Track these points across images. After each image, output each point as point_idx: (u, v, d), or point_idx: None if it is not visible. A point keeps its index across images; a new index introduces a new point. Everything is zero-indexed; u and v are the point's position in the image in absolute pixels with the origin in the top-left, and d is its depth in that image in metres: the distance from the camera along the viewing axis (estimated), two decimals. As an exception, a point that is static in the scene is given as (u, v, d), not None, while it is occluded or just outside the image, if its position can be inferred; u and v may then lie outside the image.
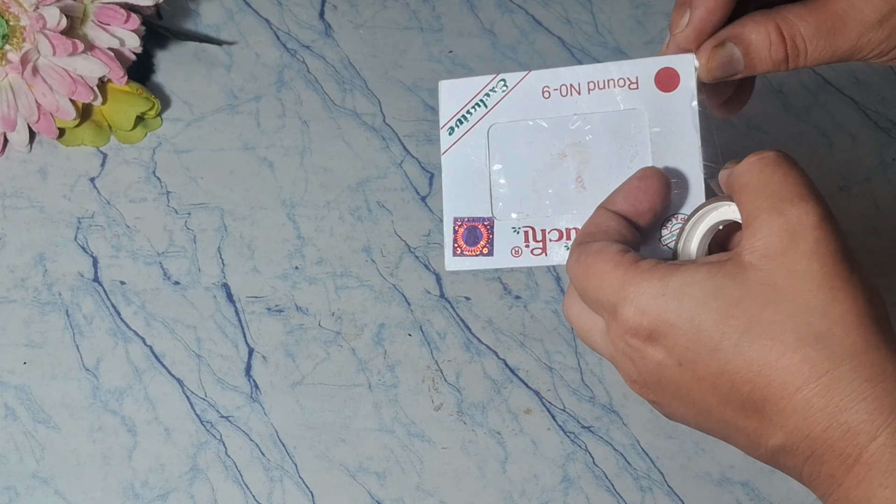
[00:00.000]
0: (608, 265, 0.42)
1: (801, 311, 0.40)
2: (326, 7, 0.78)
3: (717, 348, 0.40)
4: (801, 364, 0.39)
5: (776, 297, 0.40)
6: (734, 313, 0.40)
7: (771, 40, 0.46)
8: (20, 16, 0.67)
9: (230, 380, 0.62)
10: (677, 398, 0.43)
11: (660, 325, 0.41)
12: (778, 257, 0.40)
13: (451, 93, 0.53)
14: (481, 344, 0.65)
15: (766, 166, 0.42)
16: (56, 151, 0.70)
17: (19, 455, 0.59)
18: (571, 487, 0.61)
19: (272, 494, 0.59)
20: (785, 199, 0.41)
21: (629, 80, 0.49)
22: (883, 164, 0.73)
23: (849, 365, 0.39)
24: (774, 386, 0.40)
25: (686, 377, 0.42)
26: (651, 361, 0.42)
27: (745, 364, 0.40)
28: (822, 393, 0.39)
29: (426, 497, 0.60)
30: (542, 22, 0.78)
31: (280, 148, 0.71)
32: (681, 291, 0.41)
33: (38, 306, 0.64)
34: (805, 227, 0.40)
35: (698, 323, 0.40)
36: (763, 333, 0.40)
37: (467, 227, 0.52)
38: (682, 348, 0.41)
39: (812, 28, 0.45)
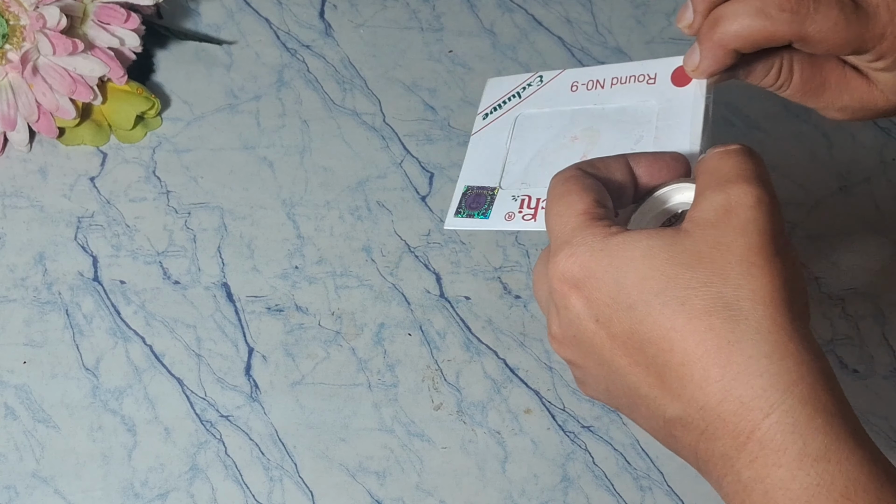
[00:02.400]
0: (577, 206, 0.43)
1: (715, 281, 0.40)
2: (326, 6, 0.78)
3: (632, 306, 0.41)
4: (705, 332, 0.40)
5: (696, 264, 0.40)
6: (655, 274, 0.41)
7: (770, 72, 0.49)
8: (20, 15, 0.67)
9: (230, 379, 0.62)
10: (590, 356, 0.43)
11: (587, 275, 0.42)
12: (708, 228, 0.41)
13: (495, 87, 0.58)
14: (481, 344, 0.65)
15: (725, 154, 0.43)
16: (56, 151, 0.70)
17: (19, 454, 0.59)
18: (571, 487, 0.61)
19: (272, 494, 0.59)
20: (730, 180, 0.42)
21: (648, 76, 0.52)
22: (883, 164, 0.73)
23: (751, 339, 0.39)
24: (677, 351, 0.40)
25: (601, 334, 0.42)
26: (571, 311, 0.43)
27: (654, 325, 0.40)
28: (721, 364, 0.39)
29: (426, 497, 0.60)
30: (542, 22, 0.78)
31: (280, 147, 0.71)
32: (616, 249, 0.42)
33: (38, 306, 0.64)
34: (740, 205, 0.41)
35: (621, 280, 0.41)
36: (676, 297, 0.40)
37: (475, 193, 0.55)
38: (601, 303, 0.42)
39: (801, 81, 0.50)
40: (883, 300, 0.68)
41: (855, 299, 0.68)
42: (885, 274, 0.69)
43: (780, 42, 0.48)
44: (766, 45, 0.48)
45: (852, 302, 0.67)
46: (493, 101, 0.58)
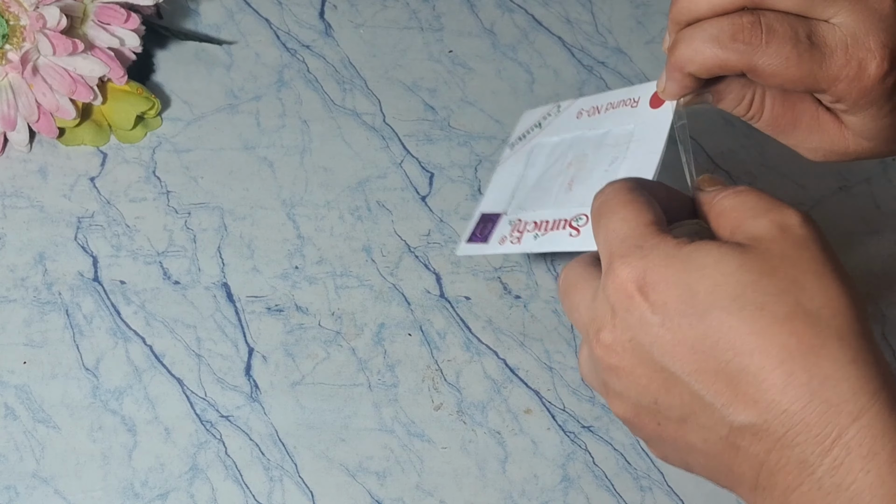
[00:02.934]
0: (646, 215, 0.43)
1: (792, 289, 0.40)
2: (326, 7, 0.78)
3: (706, 311, 0.40)
4: (788, 336, 0.39)
5: (771, 272, 0.41)
6: (730, 280, 0.41)
7: (741, 103, 0.51)
8: (20, 15, 0.67)
9: (230, 379, 0.62)
10: (646, 363, 0.42)
11: (657, 279, 0.41)
12: (769, 242, 0.42)
13: (525, 119, 0.61)
14: (481, 344, 0.65)
15: (740, 193, 0.44)
16: (56, 151, 0.70)
17: (19, 454, 0.59)
18: (571, 487, 0.61)
19: (272, 494, 0.59)
20: (768, 208, 0.43)
21: (633, 100, 0.54)
22: (883, 163, 0.73)
23: (836, 345, 0.39)
24: (757, 354, 0.39)
25: (666, 338, 0.41)
26: (633, 314, 0.42)
27: (730, 328, 0.40)
28: (807, 367, 0.39)
29: (426, 497, 0.60)
30: (542, 22, 0.78)
31: (280, 148, 0.71)
32: (687, 259, 0.41)
33: (38, 306, 0.64)
34: (791, 225, 0.42)
35: (694, 285, 0.41)
36: (754, 302, 0.40)
37: (486, 220, 0.57)
38: (669, 307, 0.41)
39: (772, 117, 0.51)
40: (883, 300, 0.68)
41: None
42: (885, 274, 0.69)
43: (733, 71, 0.48)
44: (719, 72, 0.48)
45: (852, 302, 0.68)
46: (521, 132, 0.61)
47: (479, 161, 0.71)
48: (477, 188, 0.70)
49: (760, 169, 0.72)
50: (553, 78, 0.75)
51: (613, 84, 0.75)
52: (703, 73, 0.49)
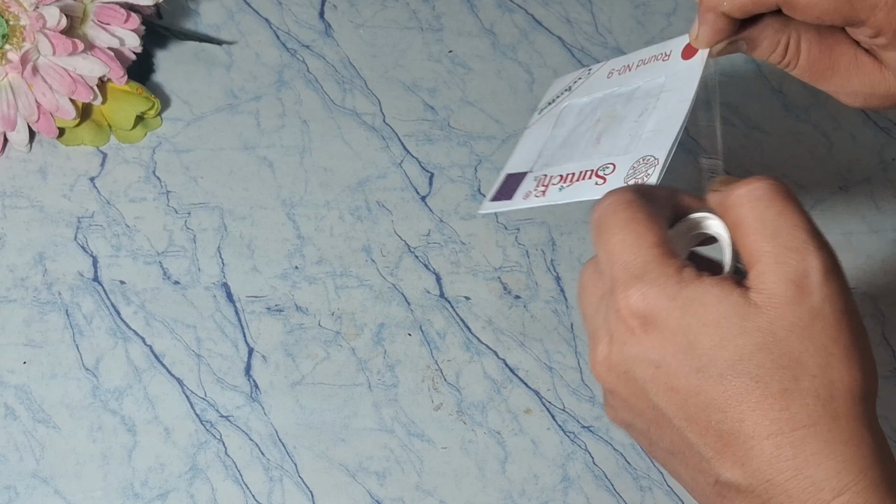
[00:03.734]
0: (648, 237, 0.42)
1: (792, 366, 0.40)
2: (326, 6, 0.78)
3: (702, 369, 0.40)
4: (781, 413, 0.40)
5: (772, 346, 0.40)
6: (728, 345, 0.40)
7: (777, 49, 0.49)
8: (20, 15, 0.67)
9: (230, 379, 0.62)
10: (640, 396, 0.42)
11: (657, 320, 0.41)
12: (782, 307, 0.40)
13: (554, 86, 0.60)
14: (481, 344, 0.65)
15: (758, 201, 0.42)
16: (56, 151, 0.70)
17: (19, 454, 0.59)
18: (571, 487, 0.61)
19: (272, 494, 0.59)
20: (788, 246, 0.41)
21: (665, 53, 0.52)
22: (883, 164, 0.73)
23: (828, 426, 0.39)
24: (747, 424, 0.40)
25: (658, 380, 0.41)
26: (631, 348, 0.42)
27: (723, 394, 0.40)
28: (795, 444, 0.39)
29: (426, 497, 0.60)
30: (542, 22, 0.78)
31: (280, 148, 0.71)
32: (690, 303, 0.41)
33: (38, 306, 0.64)
34: (811, 283, 0.40)
35: (693, 340, 0.41)
36: (749, 373, 0.40)
37: (511, 179, 0.56)
38: (667, 352, 0.41)
39: (809, 62, 0.49)
40: (883, 300, 0.68)
41: (855, 299, 0.68)
42: (885, 274, 0.69)
43: (768, 7, 0.47)
44: (753, 8, 0.47)
45: (852, 302, 0.67)
46: (551, 97, 0.59)
47: (479, 161, 0.71)
48: (477, 188, 0.70)
49: (760, 169, 0.72)
50: (553, 78, 0.75)
51: (613, 84, 0.75)
52: (737, 12, 0.47)
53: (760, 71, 0.77)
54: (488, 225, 0.69)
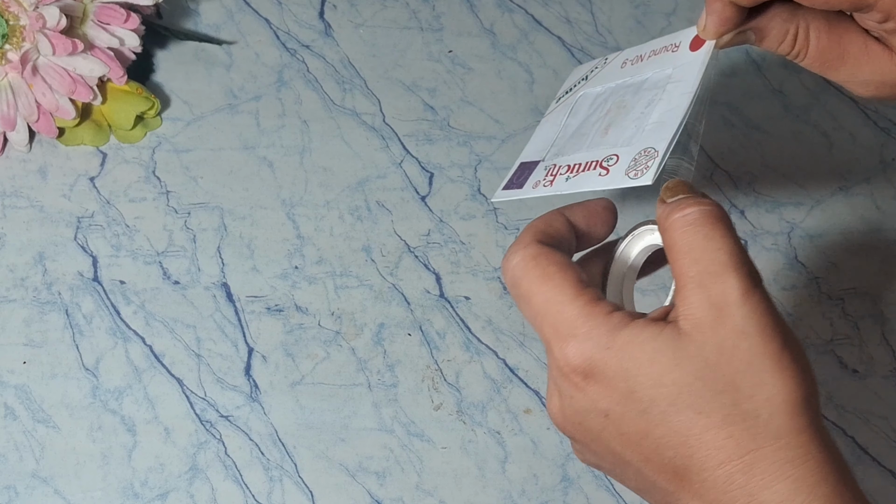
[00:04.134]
0: (567, 290, 0.43)
1: (729, 390, 0.40)
2: (326, 6, 0.78)
3: (645, 411, 0.41)
4: (725, 441, 0.40)
5: (705, 373, 0.41)
6: (665, 381, 0.41)
7: (786, 39, 0.48)
8: (20, 15, 0.67)
9: (230, 379, 0.62)
10: (598, 443, 0.44)
11: (598, 374, 0.42)
12: (707, 331, 0.41)
13: (573, 74, 0.59)
14: (481, 344, 0.65)
15: (689, 227, 0.42)
16: (56, 151, 0.70)
17: (19, 454, 0.59)
18: (571, 487, 0.61)
19: (272, 494, 0.59)
20: (709, 270, 0.41)
21: (674, 44, 0.52)
22: (883, 164, 0.73)
23: (773, 446, 0.40)
24: (697, 457, 0.41)
25: (610, 428, 0.43)
26: (578, 402, 0.43)
27: (669, 432, 0.41)
28: (745, 470, 0.40)
29: (426, 497, 0.60)
30: (542, 22, 0.78)
31: (280, 147, 0.71)
32: (624, 349, 0.41)
33: (38, 306, 0.64)
34: (729, 303, 0.41)
35: (633, 383, 0.41)
36: (690, 405, 0.41)
37: (524, 168, 0.55)
38: (612, 401, 0.42)
39: (818, 51, 0.48)
40: (883, 300, 0.68)
41: (855, 299, 0.68)
42: (885, 274, 0.69)
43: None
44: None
45: (852, 302, 0.67)
46: (567, 86, 0.59)
47: (478, 161, 0.71)
48: (477, 188, 0.70)
49: (760, 169, 0.72)
50: (553, 78, 0.75)
51: (613, 84, 0.75)
52: (744, 0, 0.47)
53: (760, 71, 0.77)
54: (488, 225, 0.69)
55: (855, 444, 0.62)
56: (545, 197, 0.61)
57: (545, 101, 0.74)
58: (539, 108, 0.74)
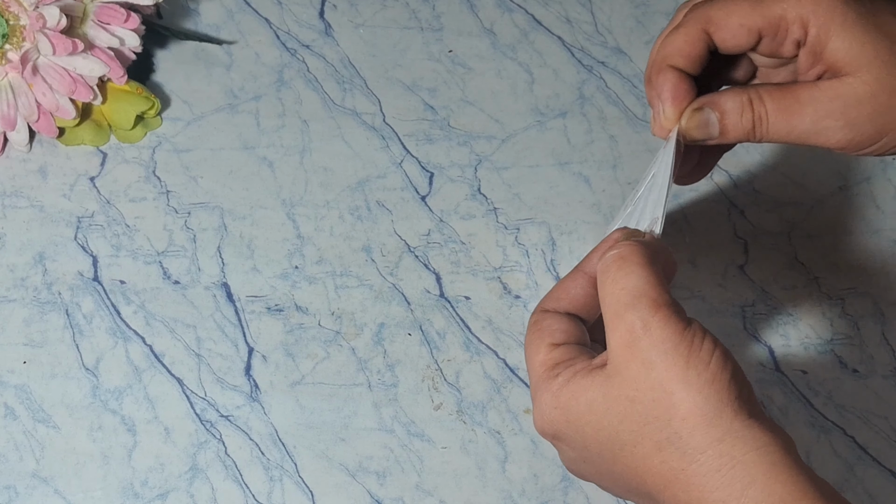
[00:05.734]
0: (537, 357, 0.48)
1: (650, 420, 0.44)
2: (326, 6, 0.78)
3: (600, 454, 0.46)
4: (661, 466, 0.44)
5: (630, 411, 0.44)
6: (603, 424, 0.45)
7: (742, 109, 0.51)
8: (20, 15, 0.67)
9: (230, 379, 0.62)
10: (599, 482, 0.49)
11: (556, 432, 0.47)
12: (623, 371, 0.45)
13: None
14: (481, 343, 0.65)
15: (603, 273, 0.46)
16: (56, 151, 0.70)
17: (19, 454, 0.59)
18: (571, 487, 0.61)
19: (272, 494, 0.59)
20: (615, 311, 0.45)
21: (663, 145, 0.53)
22: (883, 163, 0.73)
23: (698, 461, 0.43)
24: (649, 484, 0.45)
25: (593, 471, 0.48)
26: (565, 455, 0.49)
27: (623, 467, 0.46)
28: (684, 488, 0.44)
29: (426, 496, 0.60)
30: (542, 22, 0.78)
31: (280, 147, 0.71)
32: (567, 406, 0.46)
33: (38, 306, 0.64)
34: (634, 337, 0.44)
35: (581, 433, 0.46)
36: (627, 442, 0.45)
37: None
38: (579, 450, 0.47)
39: (775, 104, 0.51)
40: (883, 300, 0.68)
41: (855, 299, 0.68)
42: (885, 274, 0.69)
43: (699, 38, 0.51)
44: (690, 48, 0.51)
45: (852, 302, 0.67)
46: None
47: (478, 161, 0.71)
48: (477, 188, 0.70)
49: (760, 169, 0.72)
50: (553, 78, 0.75)
51: (613, 84, 0.75)
52: (680, 60, 0.51)
53: (760, 71, 0.77)
54: (488, 225, 0.69)
55: (855, 443, 0.62)
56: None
57: (545, 100, 0.74)
58: (539, 108, 0.74)
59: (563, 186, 0.71)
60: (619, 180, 0.71)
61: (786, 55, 0.52)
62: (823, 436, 0.63)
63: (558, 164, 0.72)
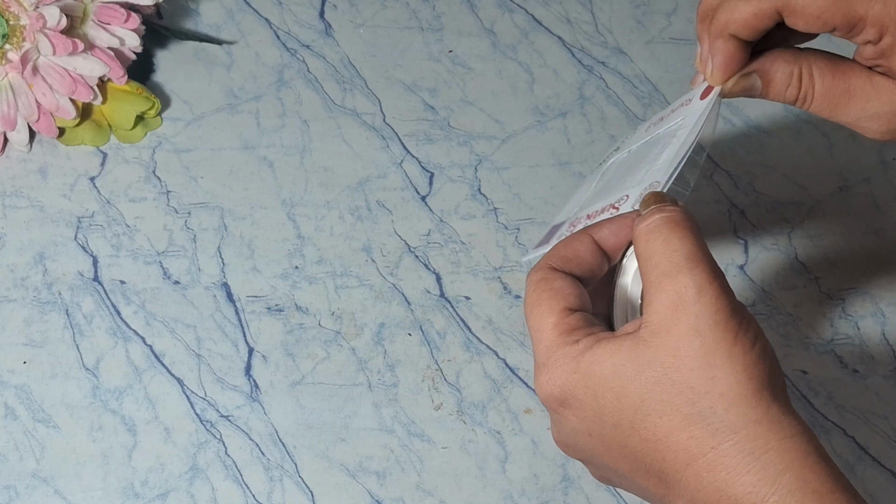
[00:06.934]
0: (549, 319, 0.45)
1: (685, 391, 0.42)
2: (326, 6, 0.78)
3: (616, 424, 0.44)
4: (688, 441, 0.42)
5: (662, 378, 0.42)
6: (628, 391, 0.43)
7: (791, 82, 0.49)
8: (20, 15, 0.67)
9: (230, 379, 0.62)
10: (595, 460, 0.46)
11: (569, 397, 0.44)
12: (663, 335, 0.42)
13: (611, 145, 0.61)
14: (481, 343, 0.65)
15: (650, 234, 0.44)
16: (56, 151, 0.70)
17: (19, 454, 0.59)
18: (571, 487, 0.61)
19: (272, 494, 0.59)
20: (666, 272, 0.43)
21: (688, 99, 0.53)
22: (883, 164, 0.73)
23: (731, 440, 0.41)
24: (668, 460, 0.42)
25: (597, 445, 0.45)
26: (565, 426, 0.46)
27: (640, 440, 0.43)
28: (710, 468, 0.41)
29: (426, 496, 0.60)
30: (542, 21, 0.78)
31: (280, 147, 0.71)
32: (588, 370, 0.44)
33: (38, 305, 0.64)
34: (684, 301, 0.42)
35: (601, 400, 0.44)
36: (653, 412, 0.42)
37: (552, 229, 0.58)
38: (588, 420, 0.44)
39: (824, 89, 0.49)
40: (883, 300, 0.68)
41: (855, 299, 0.68)
42: (885, 274, 0.69)
43: (769, 18, 0.48)
44: (757, 22, 0.48)
45: (852, 302, 0.67)
46: (603, 157, 0.62)
47: (479, 161, 0.71)
48: (477, 188, 0.70)
49: (760, 169, 0.72)
50: (553, 78, 0.75)
51: (613, 84, 0.75)
52: (743, 30, 0.48)
53: (760, 71, 0.77)
54: (489, 225, 0.69)
55: (855, 443, 0.62)
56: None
57: (545, 100, 0.74)
58: (539, 108, 0.74)
59: (564, 186, 0.71)
60: (619, 180, 0.71)
61: (854, 43, 0.49)
62: (824, 436, 0.63)
63: (558, 164, 0.72)
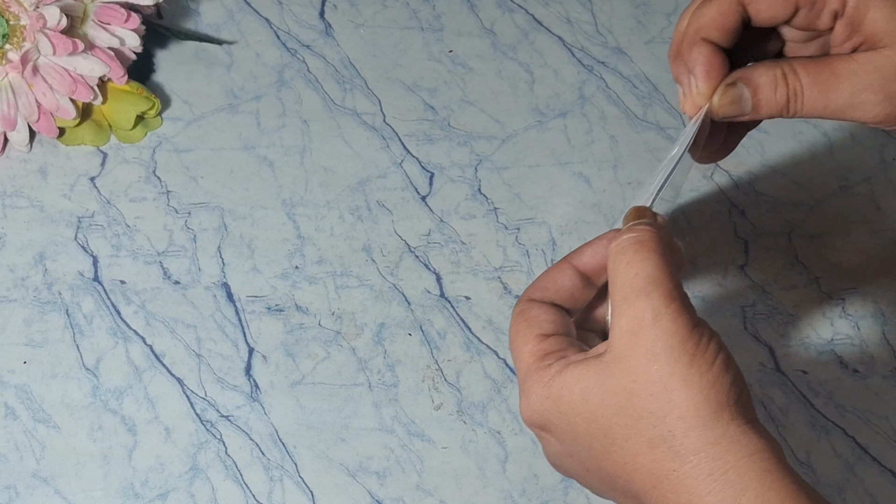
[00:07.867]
0: (526, 347, 0.47)
1: (645, 416, 0.43)
2: (326, 6, 0.78)
3: (590, 448, 0.45)
4: (652, 465, 0.43)
5: (626, 403, 0.43)
6: (597, 416, 0.44)
7: (777, 84, 0.49)
8: (20, 15, 0.67)
9: (230, 379, 0.62)
10: (582, 479, 0.48)
11: (545, 422, 0.46)
12: (624, 361, 0.43)
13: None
14: (481, 343, 0.65)
15: (616, 255, 0.45)
16: (56, 151, 0.70)
17: (19, 454, 0.59)
18: (571, 487, 0.61)
19: (272, 494, 0.59)
20: (625, 295, 0.44)
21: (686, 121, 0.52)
22: (883, 164, 0.73)
23: (691, 463, 0.42)
24: (637, 483, 0.44)
25: (578, 466, 0.47)
26: (550, 448, 0.48)
27: (612, 463, 0.44)
28: (674, 490, 0.43)
29: (426, 496, 0.60)
30: (542, 22, 0.78)
31: (280, 147, 0.71)
32: (559, 395, 0.45)
33: (39, 306, 0.64)
34: (642, 326, 0.43)
35: (572, 425, 0.45)
36: (619, 436, 0.44)
37: None
38: (567, 443, 0.46)
39: (810, 78, 0.49)
40: (883, 300, 0.68)
41: (855, 299, 0.68)
42: (885, 274, 0.69)
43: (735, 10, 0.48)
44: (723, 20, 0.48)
45: (852, 302, 0.67)
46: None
47: (479, 161, 0.71)
48: (477, 188, 0.70)
49: (760, 169, 0.72)
50: (553, 78, 0.75)
51: (613, 84, 0.75)
52: (713, 32, 0.48)
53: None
54: (489, 225, 0.69)
55: (855, 443, 0.62)
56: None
57: (545, 100, 0.74)
58: (539, 108, 0.74)
59: (564, 186, 0.71)
60: (619, 180, 0.71)
61: (821, 27, 0.49)
62: (824, 436, 0.63)
63: (558, 164, 0.72)
